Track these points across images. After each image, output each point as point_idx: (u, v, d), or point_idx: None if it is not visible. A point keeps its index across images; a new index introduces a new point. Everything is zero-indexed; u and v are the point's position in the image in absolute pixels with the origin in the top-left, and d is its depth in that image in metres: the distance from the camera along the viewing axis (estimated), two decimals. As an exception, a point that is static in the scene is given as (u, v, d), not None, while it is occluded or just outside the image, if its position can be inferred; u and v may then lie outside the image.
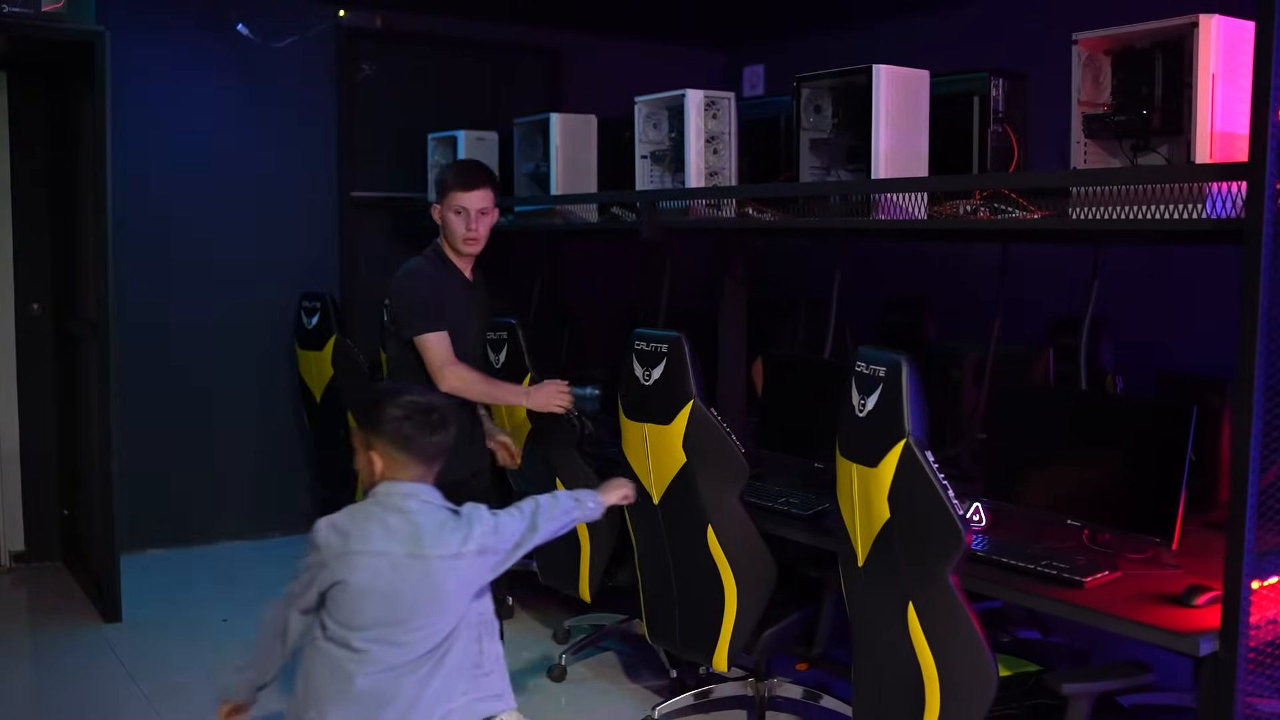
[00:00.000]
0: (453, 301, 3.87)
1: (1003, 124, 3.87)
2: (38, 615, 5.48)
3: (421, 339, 3.78)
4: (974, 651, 2.81)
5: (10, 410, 5.96)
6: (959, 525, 2.75)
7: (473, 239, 3.88)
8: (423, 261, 3.95)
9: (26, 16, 4.78)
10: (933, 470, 2.79)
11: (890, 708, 3.03)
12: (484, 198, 3.88)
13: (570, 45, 7.24)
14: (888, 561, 2.91)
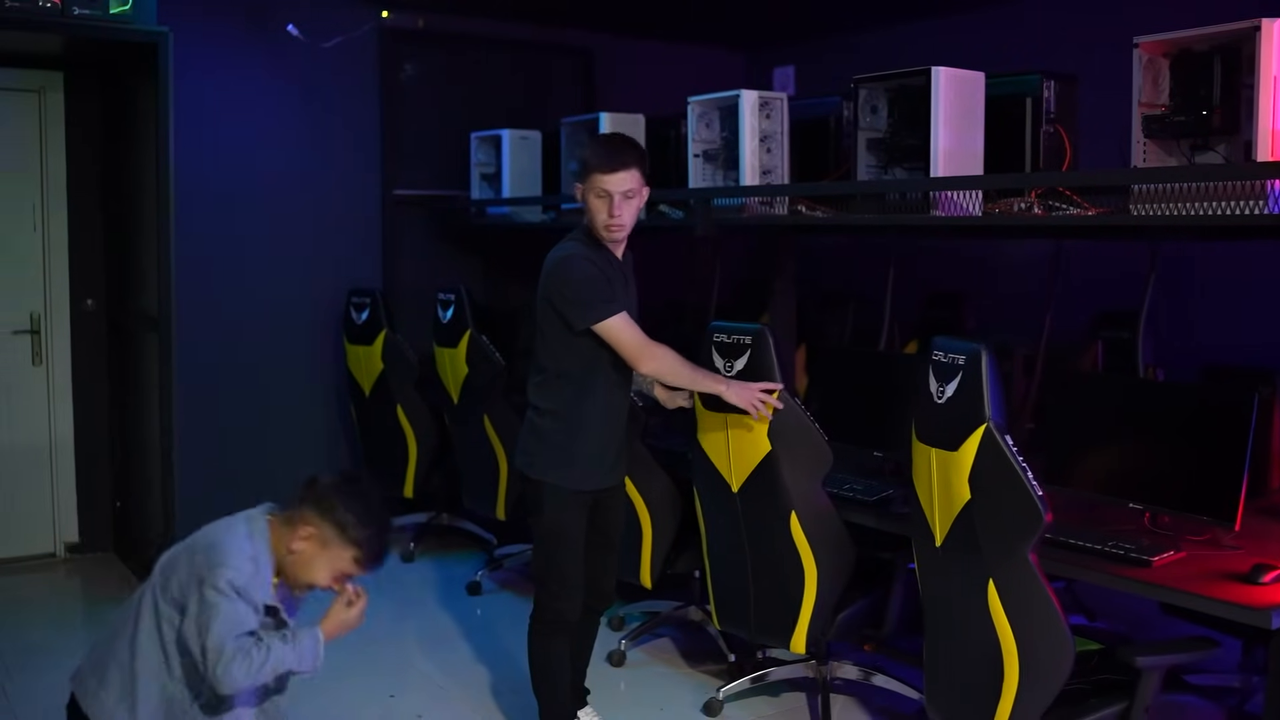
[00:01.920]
0: (610, 279, 3.62)
1: (1054, 124, 4.00)
2: (94, 605, 5.59)
3: (605, 325, 3.52)
4: (1053, 627, 2.94)
5: (65, 404, 6.08)
6: (1039, 505, 2.89)
7: (616, 225, 3.59)
8: (576, 245, 3.66)
9: (95, 18, 4.90)
10: (1012, 453, 2.92)
11: (967, 684, 3.16)
12: (630, 179, 3.55)
13: (602, 46, 7.37)
14: (967, 541, 3.04)
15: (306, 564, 2.75)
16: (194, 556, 2.71)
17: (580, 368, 3.63)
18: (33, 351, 6.00)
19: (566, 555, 3.69)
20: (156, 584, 2.75)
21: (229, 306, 6.32)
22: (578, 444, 3.65)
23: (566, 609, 3.71)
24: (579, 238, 3.68)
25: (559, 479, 3.65)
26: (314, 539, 2.74)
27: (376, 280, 6.64)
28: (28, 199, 5.94)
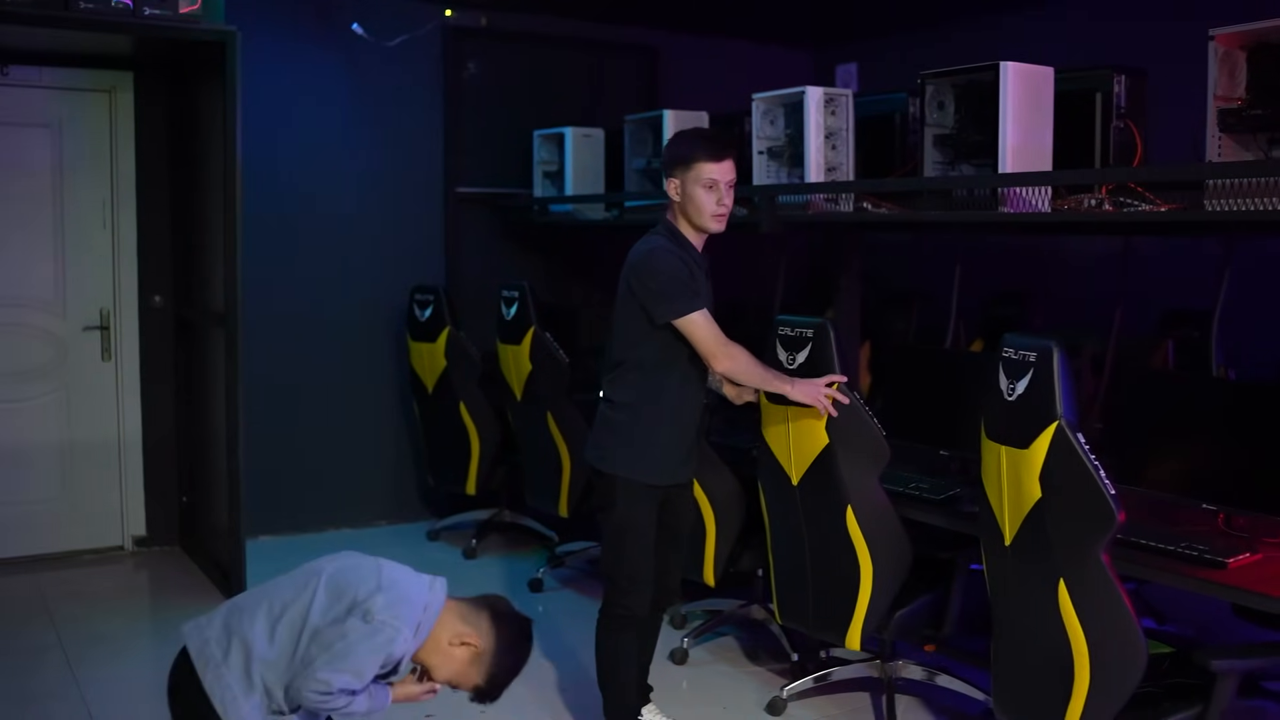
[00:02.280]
0: (693, 275, 3.63)
1: (1125, 119, 3.95)
2: (163, 597, 5.67)
3: (686, 320, 3.52)
4: (1125, 629, 2.90)
5: (133, 399, 6.17)
6: (1112, 504, 2.85)
7: (723, 214, 3.61)
8: (661, 239, 3.65)
9: (166, 18, 4.96)
10: (1085, 451, 2.89)
11: (1036, 684, 3.12)
12: (732, 169, 3.60)
13: (665, 43, 7.37)
14: (1038, 540, 3.00)
15: (445, 661, 2.72)
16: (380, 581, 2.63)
17: (656, 362, 3.62)
18: (102, 347, 6.09)
19: (637, 551, 3.69)
20: (322, 585, 2.64)
21: (294, 303, 6.39)
22: (651, 438, 3.65)
23: (635, 604, 3.71)
24: (663, 232, 3.67)
25: (631, 473, 3.65)
26: (470, 652, 2.72)
27: (440, 277, 6.67)
28: (98, 197, 6.04)
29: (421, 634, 2.64)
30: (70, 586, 5.63)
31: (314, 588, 2.63)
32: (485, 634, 2.72)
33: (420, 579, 2.71)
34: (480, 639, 2.71)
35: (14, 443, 5.92)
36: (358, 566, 2.70)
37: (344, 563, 2.72)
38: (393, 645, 2.56)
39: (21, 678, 4.50)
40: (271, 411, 6.26)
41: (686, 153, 3.58)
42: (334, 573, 2.67)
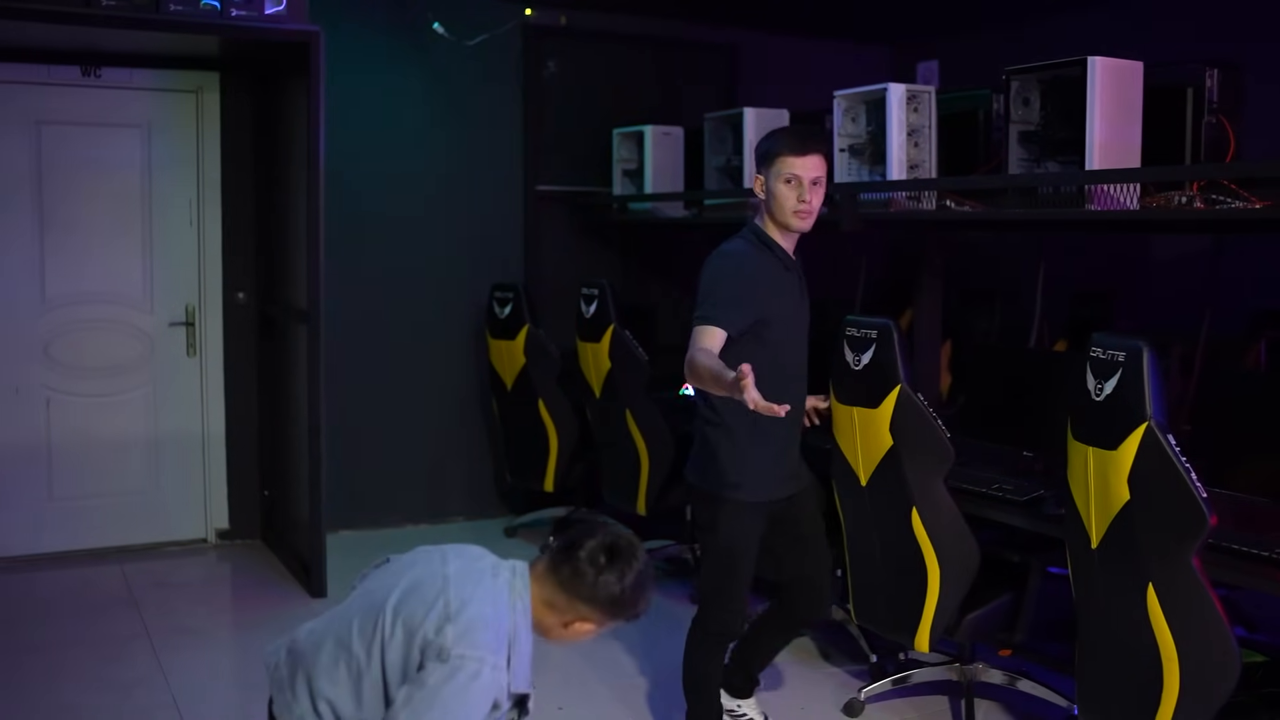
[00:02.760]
0: (772, 287, 3.50)
1: (1217, 114, 3.86)
2: (246, 590, 5.75)
3: (696, 328, 3.34)
4: (1217, 636, 2.84)
5: (217, 394, 6.26)
6: (1204, 507, 2.78)
7: (805, 211, 3.45)
8: (740, 243, 3.55)
9: (251, 19, 5.03)
10: (1175, 453, 2.83)
11: (1123, 690, 3.07)
12: (818, 165, 3.46)
13: (745, 42, 7.34)
14: (1126, 543, 2.95)
15: (576, 636, 2.52)
16: (448, 607, 2.33)
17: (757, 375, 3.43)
18: (187, 343, 6.20)
19: (737, 571, 3.60)
20: (390, 624, 2.37)
21: (375, 300, 6.45)
22: (747, 452, 3.53)
23: (732, 624, 3.67)
24: (747, 235, 3.57)
25: (729, 490, 3.54)
26: (589, 627, 2.49)
27: (519, 275, 6.70)
28: (185, 196, 6.14)
29: (524, 639, 2.39)
30: (155, 577, 5.73)
31: (383, 630, 2.36)
32: (592, 601, 2.42)
33: (496, 587, 2.41)
34: (591, 610, 2.44)
35: (104, 436, 6.04)
36: (419, 587, 2.40)
37: (407, 583, 2.43)
38: (478, 679, 2.25)
39: (109, 665, 4.59)
40: (352, 407, 6.33)
41: (771, 147, 3.49)
42: (398, 604, 2.38)
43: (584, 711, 4.26)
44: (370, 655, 2.36)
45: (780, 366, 3.49)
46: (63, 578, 5.70)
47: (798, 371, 3.61)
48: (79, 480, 6.00)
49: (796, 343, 3.59)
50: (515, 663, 2.33)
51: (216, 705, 4.31)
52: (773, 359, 3.45)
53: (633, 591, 2.44)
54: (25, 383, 5.89)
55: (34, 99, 5.82)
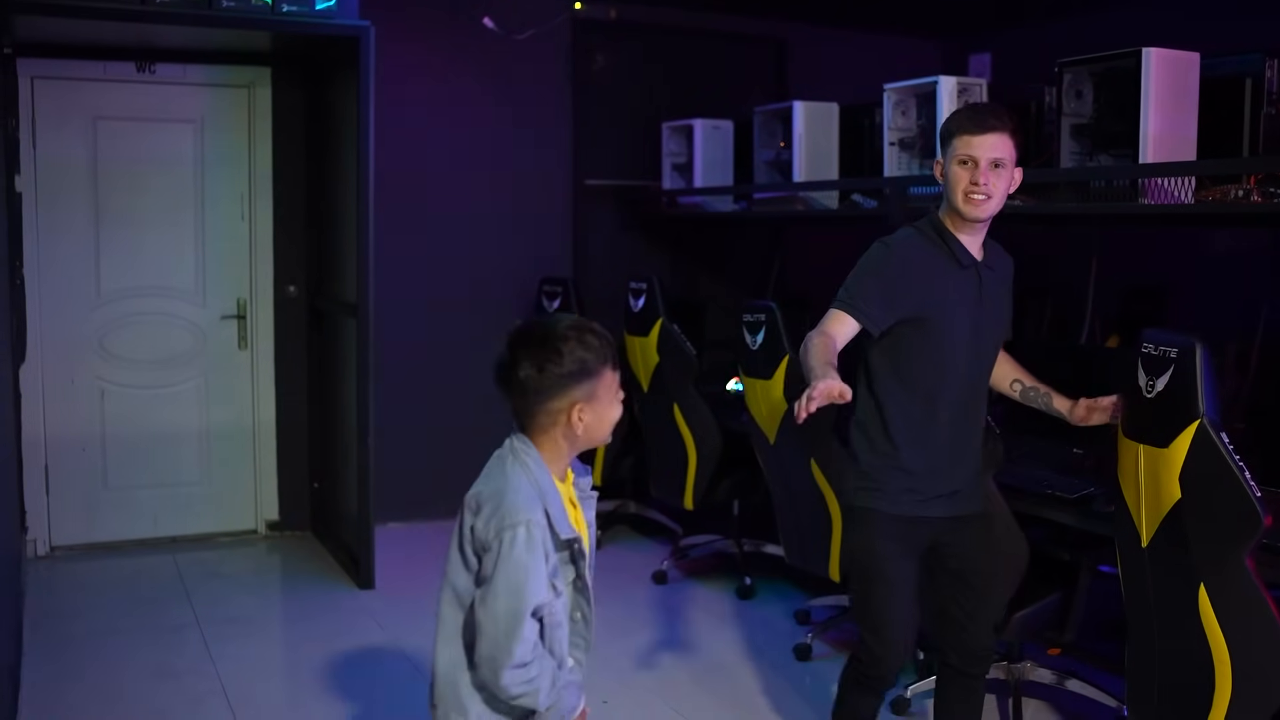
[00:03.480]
0: (936, 283, 3.10)
1: (1277, 105, 3.79)
2: (296, 581, 5.79)
3: (830, 310, 3.08)
4: (1273, 637, 2.78)
5: (268, 387, 6.32)
6: (1258, 507, 2.73)
7: (977, 195, 3.05)
8: (909, 232, 3.19)
9: (302, 15, 5.07)
10: (1228, 451, 2.78)
11: (1175, 693, 3.01)
12: (1000, 145, 3.05)
13: (795, 35, 7.30)
14: (1177, 542, 2.90)
15: (593, 426, 2.35)
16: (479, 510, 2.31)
17: (886, 370, 3.16)
18: (238, 336, 6.25)
19: (883, 597, 3.18)
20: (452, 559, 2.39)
21: (424, 293, 6.47)
22: (888, 460, 3.15)
23: (885, 662, 3.21)
24: (922, 224, 3.19)
25: (867, 500, 3.17)
26: (584, 409, 2.32)
27: (568, 269, 6.71)
28: (236, 190, 6.19)
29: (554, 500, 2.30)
30: (207, 567, 5.80)
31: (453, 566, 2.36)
32: (563, 389, 2.29)
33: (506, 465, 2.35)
34: (571, 393, 2.30)
35: (158, 428, 6.12)
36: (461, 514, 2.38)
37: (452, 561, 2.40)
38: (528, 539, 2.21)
39: (161, 653, 4.64)
40: (401, 400, 6.36)
41: (948, 125, 3.14)
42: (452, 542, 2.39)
43: (627, 704, 4.26)
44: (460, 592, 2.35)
45: (943, 371, 3.12)
46: (116, 566, 5.79)
47: (971, 379, 3.19)
48: (133, 471, 6.08)
49: (972, 347, 3.16)
50: (553, 512, 2.28)
51: (264, 694, 4.35)
52: (936, 362, 3.11)
53: (575, 350, 2.28)
54: (81, 375, 5.97)
55: (90, 95, 5.89)
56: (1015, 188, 3.16)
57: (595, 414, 2.33)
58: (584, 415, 2.31)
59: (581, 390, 2.30)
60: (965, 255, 3.14)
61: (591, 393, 2.31)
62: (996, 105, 3.19)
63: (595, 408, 2.32)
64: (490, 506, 2.27)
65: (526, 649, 2.23)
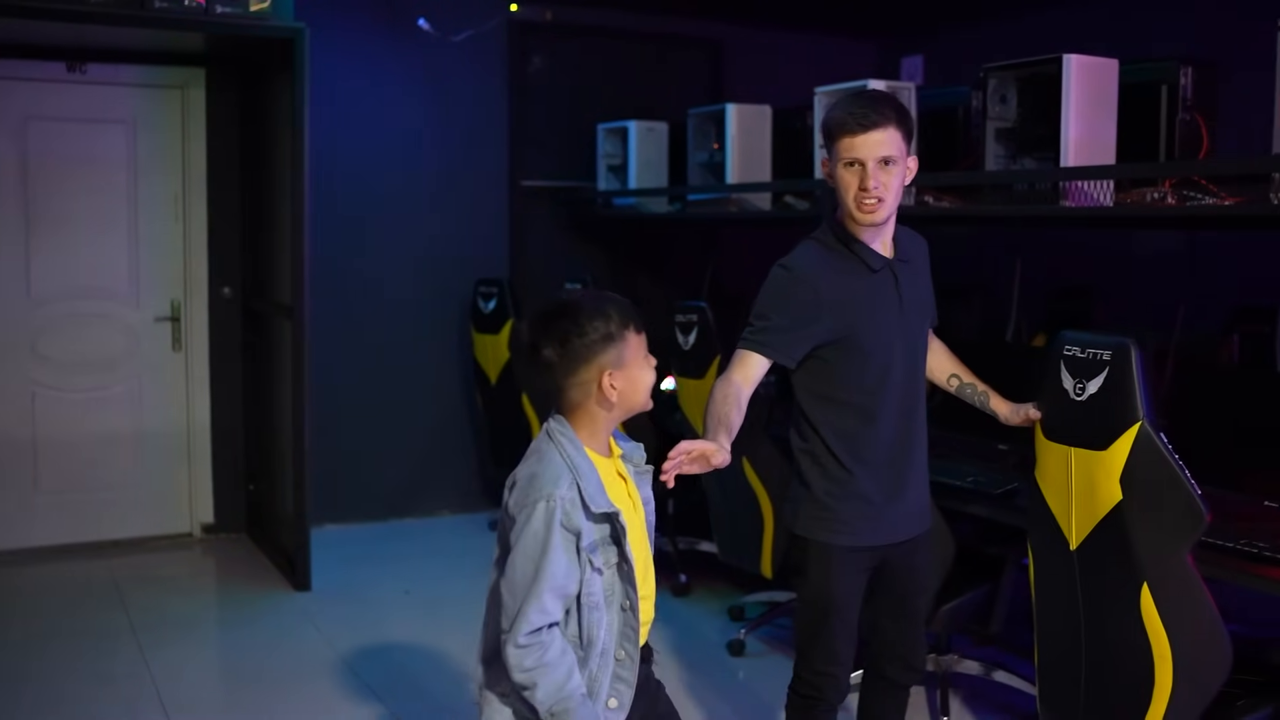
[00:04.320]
0: (852, 297, 2.92)
1: (1192, 112, 3.90)
2: (232, 584, 5.77)
3: (736, 350, 2.93)
4: (1212, 630, 2.84)
5: (203, 389, 6.29)
6: (1200, 505, 2.78)
7: (870, 202, 2.84)
8: (807, 249, 2.98)
9: (236, 16, 5.06)
10: (1169, 451, 2.81)
11: (1107, 689, 3.05)
12: (887, 141, 2.82)
13: (731, 37, 7.36)
14: (1116, 544, 2.91)
15: (627, 392, 2.34)
16: (513, 490, 2.33)
17: (819, 394, 2.99)
18: (172, 338, 6.22)
19: (833, 629, 3.04)
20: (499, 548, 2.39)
21: (360, 295, 6.47)
22: (847, 487, 2.99)
23: (830, 688, 3.08)
24: (820, 234, 3.01)
25: (827, 536, 3.00)
26: (613, 376, 2.31)
27: (504, 270, 6.74)
28: (170, 191, 6.16)
29: (588, 475, 2.29)
30: (140, 571, 5.75)
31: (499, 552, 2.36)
32: (592, 361, 2.30)
33: (540, 444, 2.36)
34: (598, 366, 2.30)
35: (90, 431, 6.06)
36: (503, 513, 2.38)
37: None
38: (545, 513, 2.21)
39: (95, 659, 4.61)
40: (337, 402, 6.35)
41: (828, 124, 2.90)
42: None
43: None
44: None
45: (878, 384, 2.97)
46: (49, 571, 5.74)
47: (907, 382, 3.04)
48: (65, 475, 6.02)
49: (902, 351, 3.01)
50: (585, 486, 2.25)
51: (201, 698, 4.34)
52: (869, 377, 2.96)
53: (594, 320, 2.30)
54: (12, 378, 5.91)
55: (21, 95, 5.84)
56: (911, 178, 2.97)
57: (627, 378, 2.32)
58: (616, 381, 2.31)
59: (609, 356, 2.30)
60: (874, 258, 2.96)
61: (620, 358, 2.31)
62: (879, 95, 2.97)
63: (626, 372, 2.32)
64: (522, 484, 2.29)
65: (538, 628, 2.20)
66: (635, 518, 2.41)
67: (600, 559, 2.28)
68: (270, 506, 6.08)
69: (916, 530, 3.13)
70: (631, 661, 2.38)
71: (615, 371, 2.30)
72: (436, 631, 4.93)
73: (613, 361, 2.30)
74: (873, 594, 3.13)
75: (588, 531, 2.25)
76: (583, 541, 2.24)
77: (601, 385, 2.30)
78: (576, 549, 2.23)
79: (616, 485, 2.38)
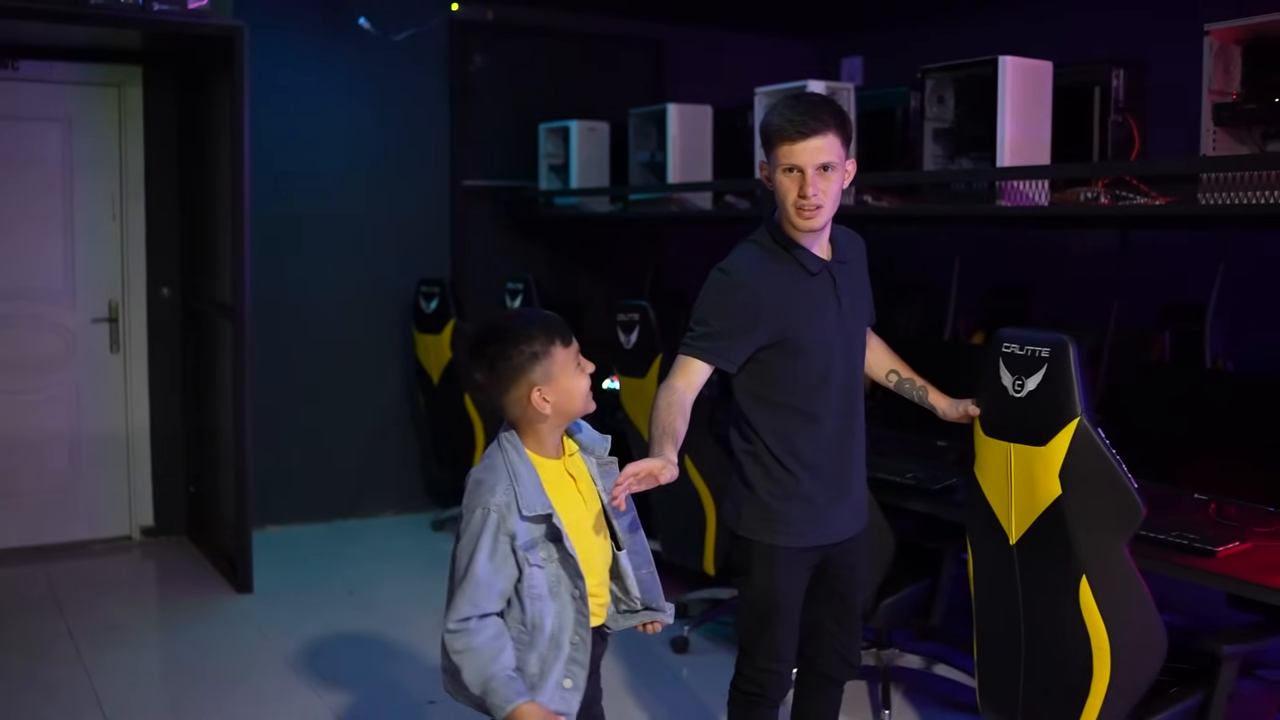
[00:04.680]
0: (790, 300, 2.93)
1: (1123, 113, 3.98)
2: (172, 587, 5.71)
3: (678, 357, 2.94)
4: (1148, 621, 2.91)
5: (141, 390, 6.22)
6: (1137, 499, 2.84)
7: (810, 208, 2.85)
8: (746, 252, 3.00)
9: (174, 13, 5.01)
10: (1107, 446, 2.86)
11: (1046, 681, 3.10)
12: (825, 147, 2.82)
13: (672, 37, 7.40)
14: (1055, 538, 2.96)
15: (561, 403, 2.46)
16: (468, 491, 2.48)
17: (759, 396, 3.00)
18: (110, 339, 6.15)
19: (776, 628, 3.06)
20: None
21: (301, 295, 6.44)
22: (792, 489, 3.00)
23: (773, 685, 3.09)
24: (760, 236, 3.01)
25: (772, 538, 3.01)
26: (544, 391, 2.44)
27: (445, 270, 6.72)
28: (107, 190, 6.09)
29: (526, 479, 2.42)
30: (79, 576, 5.69)
31: None
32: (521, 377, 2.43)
33: (489, 452, 2.51)
34: (528, 382, 2.43)
35: (25, 433, 5.98)
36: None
37: None
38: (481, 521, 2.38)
39: (32, 665, 4.55)
40: (278, 402, 6.32)
41: (766, 129, 2.89)
42: None
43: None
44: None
45: (817, 386, 2.99)
46: (-16, 576, 5.66)
47: (846, 390, 3.05)
48: (1, 478, 5.93)
49: (841, 352, 3.02)
50: (522, 492, 2.41)
51: (142, 703, 4.30)
52: (808, 379, 2.97)
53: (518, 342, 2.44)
54: (-55, 380, 5.83)
55: (-51, 92, 5.76)
56: (850, 181, 2.97)
57: (558, 390, 2.45)
58: (547, 395, 2.44)
59: (536, 374, 2.43)
60: (813, 261, 2.97)
61: (548, 373, 2.44)
62: (817, 99, 2.93)
63: (556, 385, 2.45)
64: (470, 487, 2.46)
65: (467, 617, 2.37)
66: (585, 512, 2.54)
67: (539, 555, 2.42)
68: (211, 509, 6.03)
69: (856, 529, 3.16)
70: (585, 645, 2.50)
71: (544, 387, 2.44)
72: (379, 632, 4.92)
73: (541, 378, 2.43)
74: (813, 592, 3.15)
75: (523, 532, 2.39)
76: (518, 541, 2.39)
77: (533, 400, 2.44)
78: (512, 548, 2.39)
79: (563, 484, 2.51)
